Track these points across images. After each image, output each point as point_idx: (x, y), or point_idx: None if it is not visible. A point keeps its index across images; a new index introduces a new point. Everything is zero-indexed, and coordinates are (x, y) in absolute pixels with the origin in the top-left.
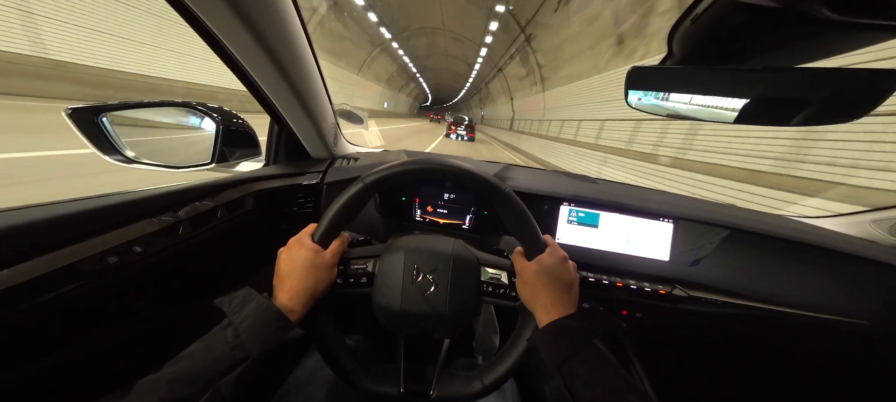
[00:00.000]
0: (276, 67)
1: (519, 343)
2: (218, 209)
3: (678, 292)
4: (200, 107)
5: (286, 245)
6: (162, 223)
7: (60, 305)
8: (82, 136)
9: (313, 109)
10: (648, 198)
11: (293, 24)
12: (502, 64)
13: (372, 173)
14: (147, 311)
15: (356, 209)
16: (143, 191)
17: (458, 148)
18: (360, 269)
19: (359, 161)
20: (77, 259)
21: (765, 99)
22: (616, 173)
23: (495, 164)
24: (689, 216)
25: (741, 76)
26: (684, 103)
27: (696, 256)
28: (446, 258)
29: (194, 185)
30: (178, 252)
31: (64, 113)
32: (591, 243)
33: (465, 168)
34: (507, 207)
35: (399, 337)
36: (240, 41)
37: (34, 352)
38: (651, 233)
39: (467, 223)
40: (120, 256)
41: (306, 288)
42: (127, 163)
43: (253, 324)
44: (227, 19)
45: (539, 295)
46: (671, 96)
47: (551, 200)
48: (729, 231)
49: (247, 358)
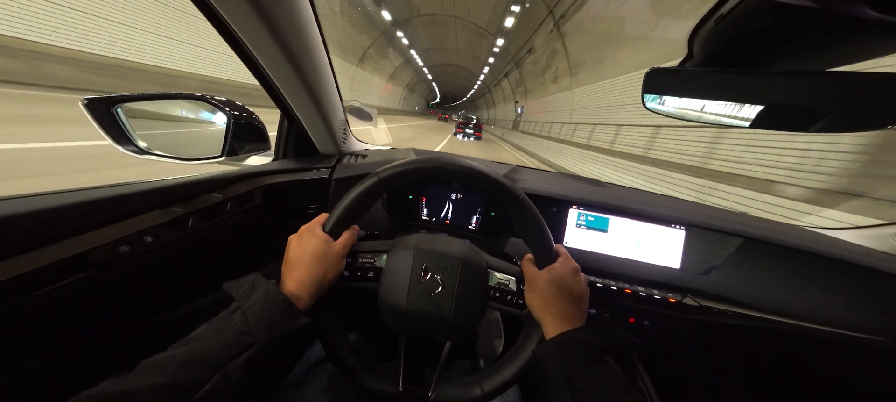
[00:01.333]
0: (289, 62)
1: (523, 352)
2: (227, 202)
3: (689, 302)
4: (212, 100)
5: (297, 232)
6: (172, 215)
7: (72, 293)
8: (97, 126)
9: (324, 105)
10: (660, 204)
11: (308, 20)
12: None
13: (387, 169)
14: (156, 301)
15: (368, 204)
16: (155, 182)
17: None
18: (368, 263)
19: (367, 158)
20: (89, 248)
21: (791, 104)
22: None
23: (504, 165)
24: (702, 224)
25: (766, 80)
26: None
27: (708, 265)
28: (455, 260)
29: (204, 177)
30: (187, 244)
31: (80, 103)
32: (599, 248)
33: (478, 169)
34: (519, 211)
35: (401, 336)
36: (255, 35)
37: (45, 340)
38: (662, 240)
39: (474, 224)
40: (131, 246)
41: (315, 278)
42: (139, 153)
43: (261, 310)
44: (244, 13)
45: (548, 305)
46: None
47: (560, 203)
48: (743, 240)
49: (254, 343)
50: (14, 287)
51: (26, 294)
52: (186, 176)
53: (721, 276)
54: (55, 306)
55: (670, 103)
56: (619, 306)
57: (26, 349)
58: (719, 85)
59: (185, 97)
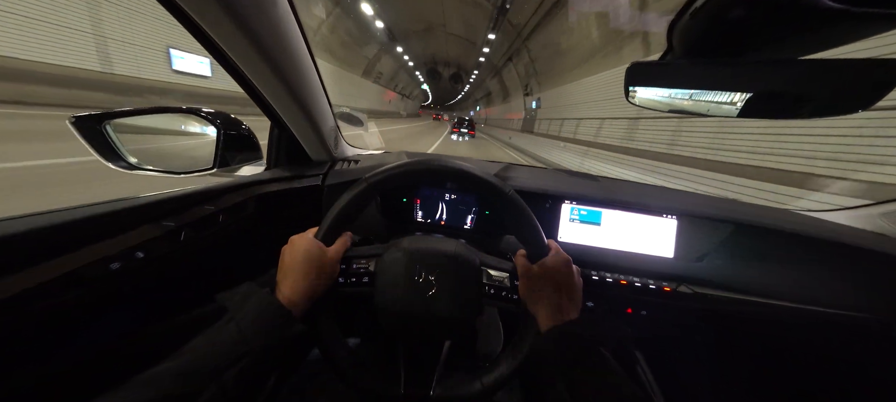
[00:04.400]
0: (273, 70)
1: (521, 346)
2: (220, 214)
3: (683, 290)
4: (202, 112)
5: (289, 242)
6: (164, 228)
7: (63, 311)
8: (86, 143)
9: (313, 113)
10: (651, 195)
11: (290, 27)
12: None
13: (375, 174)
14: (151, 315)
15: (359, 209)
16: (145, 196)
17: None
18: (362, 268)
19: (359, 163)
20: (80, 265)
21: (767, 92)
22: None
23: (496, 163)
24: (693, 212)
25: (742, 70)
26: (685, 98)
27: (700, 252)
28: (448, 259)
29: (196, 190)
30: (180, 257)
31: (67, 121)
32: (593, 242)
33: (466, 170)
34: (509, 209)
35: (399, 338)
36: (235, 44)
37: (38, 357)
38: (655, 230)
39: (469, 224)
40: (122, 262)
41: (308, 285)
42: (130, 169)
43: (255, 319)
44: (221, 22)
45: (542, 299)
46: (672, 92)
47: (553, 198)
48: (734, 227)
49: (249, 353)
50: (8, 305)
51: (19, 312)
52: (178, 189)
53: (714, 263)
54: (48, 324)
55: (652, 95)
56: (615, 298)
57: (22, 365)
58: (699, 76)
59: (174, 111)
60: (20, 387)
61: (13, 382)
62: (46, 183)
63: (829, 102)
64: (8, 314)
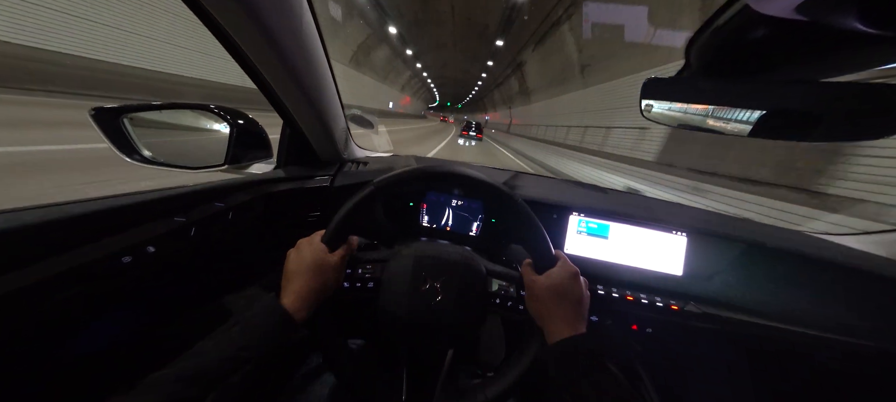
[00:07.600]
0: (288, 70)
1: (524, 358)
2: (229, 212)
3: (692, 308)
4: (216, 109)
5: (295, 246)
6: (175, 224)
7: (74, 304)
8: (103, 135)
9: (325, 113)
10: (660, 209)
11: (308, 27)
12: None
13: (383, 178)
14: (159, 311)
15: (366, 213)
16: (157, 191)
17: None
18: (368, 273)
19: (368, 166)
20: (91, 259)
21: (785, 113)
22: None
23: (504, 171)
24: (704, 230)
25: (761, 89)
26: (700, 115)
27: (711, 271)
28: (454, 267)
29: (207, 186)
30: (190, 254)
31: (88, 113)
32: (600, 255)
33: (475, 176)
34: (518, 217)
35: (403, 345)
36: (253, 42)
37: (47, 351)
38: (664, 246)
39: (475, 231)
40: (134, 256)
41: (313, 289)
42: (144, 163)
43: (259, 324)
44: (240, 19)
45: (548, 311)
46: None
47: (561, 209)
48: (746, 246)
49: (252, 358)
50: (17, 299)
51: (30, 305)
52: (189, 185)
53: (724, 282)
54: (58, 317)
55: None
56: (621, 314)
57: (29, 361)
58: (715, 94)
59: (190, 107)
60: (28, 382)
61: (21, 377)
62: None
63: (852, 125)
64: (17, 308)
